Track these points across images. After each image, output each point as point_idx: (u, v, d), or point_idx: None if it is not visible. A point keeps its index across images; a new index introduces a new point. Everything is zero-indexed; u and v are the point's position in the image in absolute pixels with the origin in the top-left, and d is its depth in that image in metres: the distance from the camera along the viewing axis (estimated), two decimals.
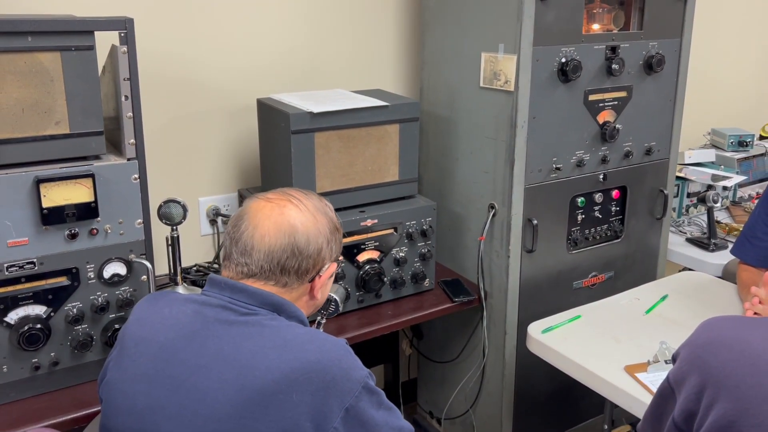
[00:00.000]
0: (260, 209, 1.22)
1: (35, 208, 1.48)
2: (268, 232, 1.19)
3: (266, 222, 1.20)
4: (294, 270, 1.20)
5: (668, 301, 2.07)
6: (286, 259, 1.19)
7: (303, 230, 1.21)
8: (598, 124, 2.14)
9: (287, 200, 1.23)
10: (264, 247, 1.19)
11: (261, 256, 1.19)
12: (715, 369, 1.07)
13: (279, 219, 1.20)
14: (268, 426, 1.05)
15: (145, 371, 1.13)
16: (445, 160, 2.26)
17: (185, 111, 2.10)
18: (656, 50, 2.17)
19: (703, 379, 1.08)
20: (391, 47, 2.40)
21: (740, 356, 1.06)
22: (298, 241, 1.19)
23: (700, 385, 1.08)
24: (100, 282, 1.60)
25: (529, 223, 2.07)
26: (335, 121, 1.87)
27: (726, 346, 1.09)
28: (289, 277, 1.21)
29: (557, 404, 2.34)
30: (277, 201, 1.23)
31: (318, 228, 1.23)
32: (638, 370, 1.69)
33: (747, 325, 1.13)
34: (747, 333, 1.10)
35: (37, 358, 1.58)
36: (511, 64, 1.92)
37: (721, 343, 1.10)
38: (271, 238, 1.19)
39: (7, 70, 1.40)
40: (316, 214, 1.24)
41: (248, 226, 1.20)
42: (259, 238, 1.19)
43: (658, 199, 2.39)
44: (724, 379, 1.06)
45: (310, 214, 1.23)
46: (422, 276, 2.08)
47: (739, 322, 1.15)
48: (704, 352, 1.10)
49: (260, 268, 1.19)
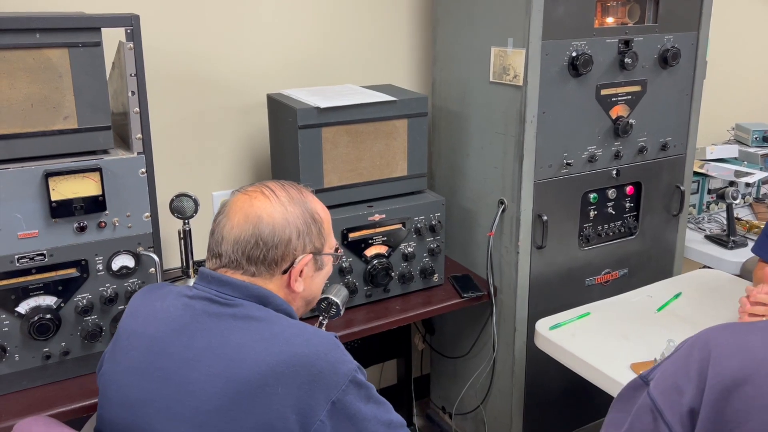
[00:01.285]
0: (236, 202, 1.23)
1: (44, 201, 1.51)
2: (237, 223, 1.20)
3: (238, 214, 1.21)
4: (260, 260, 1.20)
5: (681, 299, 2.04)
6: (250, 249, 1.19)
7: (268, 220, 1.20)
8: (611, 119, 2.11)
9: (260, 191, 1.24)
10: (231, 238, 1.20)
11: (229, 246, 1.20)
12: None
13: (248, 210, 1.21)
14: (255, 418, 1.06)
15: (136, 364, 1.15)
16: (457, 155, 2.26)
17: (200, 107, 2.13)
18: (672, 44, 2.14)
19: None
20: (403, 42, 2.40)
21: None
22: (262, 230, 1.19)
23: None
24: (109, 274, 1.63)
25: (539, 218, 2.06)
26: (343, 116, 1.88)
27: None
28: (257, 267, 1.20)
29: (569, 401, 2.32)
30: (251, 193, 1.24)
31: (286, 218, 1.22)
32: (644, 368, 1.67)
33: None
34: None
35: (48, 348, 1.61)
36: (519, 59, 1.91)
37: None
38: (238, 228, 1.20)
39: (17, 66, 1.44)
40: (288, 205, 1.23)
41: (223, 218, 1.23)
42: (229, 229, 1.21)
43: (675, 196, 2.35)
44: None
45: (281, 204, 1.22)
46: (431, 271, 2.08)
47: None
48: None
49: (229, 259, 1.20)
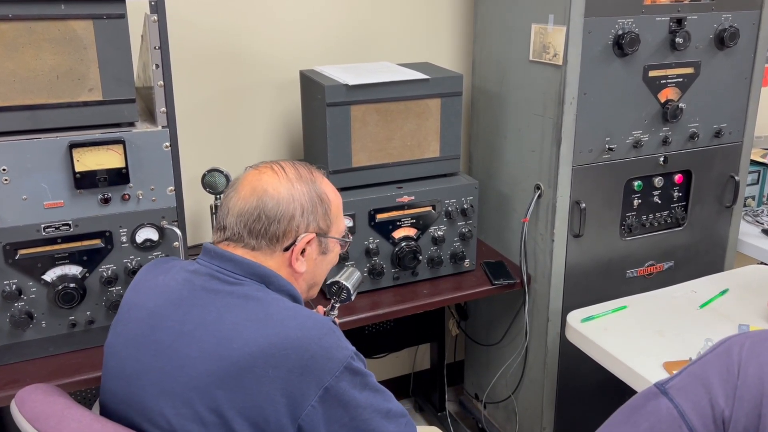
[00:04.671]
0: (246, 177, 1.23)
1: (69, 172, 1.53)
2: (243, 196, 1.20)
3: (246, 187, 1.21)
4: (261, 233, 1.19)
5: (728, 295, 1.92)
6: (253, 221, 1.18)
7: (273, 194, 1.19)
8: (660, 103, 1.99)
9: (270, 167, 1.24)
10: (236, 209, 1.20)
11: (234, 219, 1.20)
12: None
13: (255, 184, 1.21)
14: (243, 399, 1.04)
15: (133, 336, 1.16)
16: (494, 137, 2.18)
17: (236, 82, 2.12)
18: (730, 23, 1.99)
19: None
20: (443, 19, 2.33)
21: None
22: (266, 203, 1.19)
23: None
24: (133, 246, 1.65)
25: (577, 205, 1.97)
26: (373, 94, 1.83)
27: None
28: (257, 241, 1.19)
29: (603, 396, 2.22)
30: (261, 168, 1.24)
31: (292, 194, 1.21)
32: (677, 367, 1.58)
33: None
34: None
35: (73, 316, 1.65)
36: (560, 36, 1.82)
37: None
38: (244, 200, 1.20)
39: (43, 37, 1.45)
40: (295, 182, 1.22)
41: (232, 192, 1.23)
42: (235, 202, 1.21)
43: (728, 186, 2.21)
44: None
45: (288, 180, 1.22)
46: (462, 256, 2.02)
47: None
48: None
49: (232, 231, 1.20)
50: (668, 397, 1.06)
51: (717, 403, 1.03)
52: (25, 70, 1.46)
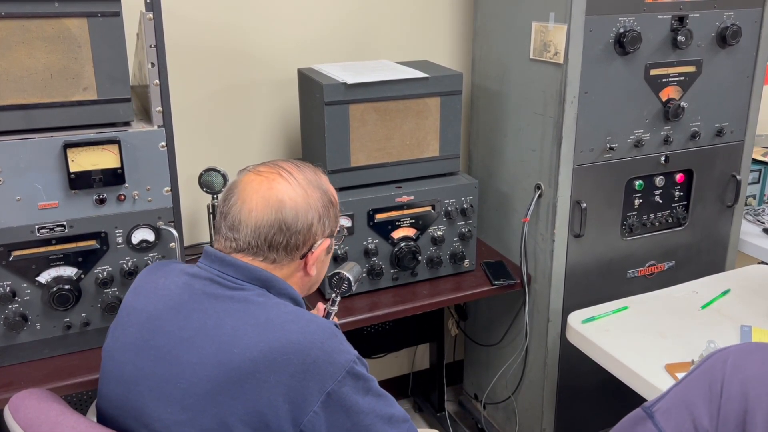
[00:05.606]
0: (249, 183, 1.18)
1: (64, 172, 1.51)
2: (256, 206, 1.15)
3: (254, 196, 1.16)
4: (282, 246, 1.16)
5: (730, 296, 1.91)
6: (273, 235, 1.15)
7: (291, 205, 1.16)
8: (661, 102, 1.98)
9: (277, 173, 1.19)
10: (251, 223, 1.15)
11: (248, 231, 1.15)
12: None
13: (267, 193, 1.16)
14: (244, 405, 1.02)
15: (132, 341, 1.14)
16: (494, 136, 2.16)
17: (232, 81, 2.10)
18: (732, 21, 1.97)
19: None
20: (443, 17, 2.30)
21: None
22: (286, 216, 1.15)
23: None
24: (129, 247, 1.63)
25: (578, 205, 1.95)
26: (371, 92, 1.81)
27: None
28: (278, 254, 1.17)
29: (603, 398, 2.21)
30: (267, 174, 1.19)
31: (308, 202, 1.18)
32: (680, 369, 1.57)
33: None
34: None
35: (68, 318, 1.62)
36: (561, 35, 1.80)
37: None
38: (259, 213, 1.15)
39: (36, 35, 1.43)
40: (307, 188, 1.19)
41: (237, 200, 1.17)
42: (247, 213, 1.16)
43: (730, 185, 2.19)
44: None
45: (301, 188, 1.18)
46: (461, 256, 2.00)
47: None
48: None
49: (248, 244, 1.16)
50: (653, 421, 1.07)
51: (701, 424, 1.05)
52: (19, 68, 1.44)
